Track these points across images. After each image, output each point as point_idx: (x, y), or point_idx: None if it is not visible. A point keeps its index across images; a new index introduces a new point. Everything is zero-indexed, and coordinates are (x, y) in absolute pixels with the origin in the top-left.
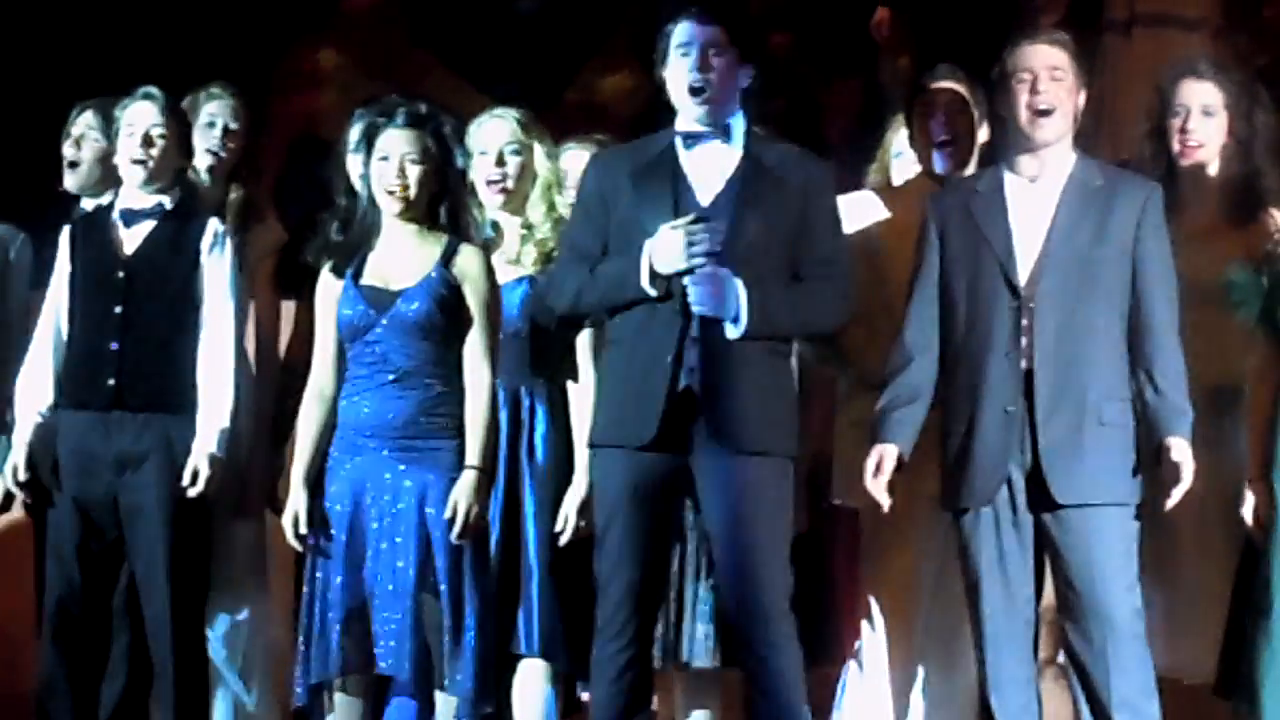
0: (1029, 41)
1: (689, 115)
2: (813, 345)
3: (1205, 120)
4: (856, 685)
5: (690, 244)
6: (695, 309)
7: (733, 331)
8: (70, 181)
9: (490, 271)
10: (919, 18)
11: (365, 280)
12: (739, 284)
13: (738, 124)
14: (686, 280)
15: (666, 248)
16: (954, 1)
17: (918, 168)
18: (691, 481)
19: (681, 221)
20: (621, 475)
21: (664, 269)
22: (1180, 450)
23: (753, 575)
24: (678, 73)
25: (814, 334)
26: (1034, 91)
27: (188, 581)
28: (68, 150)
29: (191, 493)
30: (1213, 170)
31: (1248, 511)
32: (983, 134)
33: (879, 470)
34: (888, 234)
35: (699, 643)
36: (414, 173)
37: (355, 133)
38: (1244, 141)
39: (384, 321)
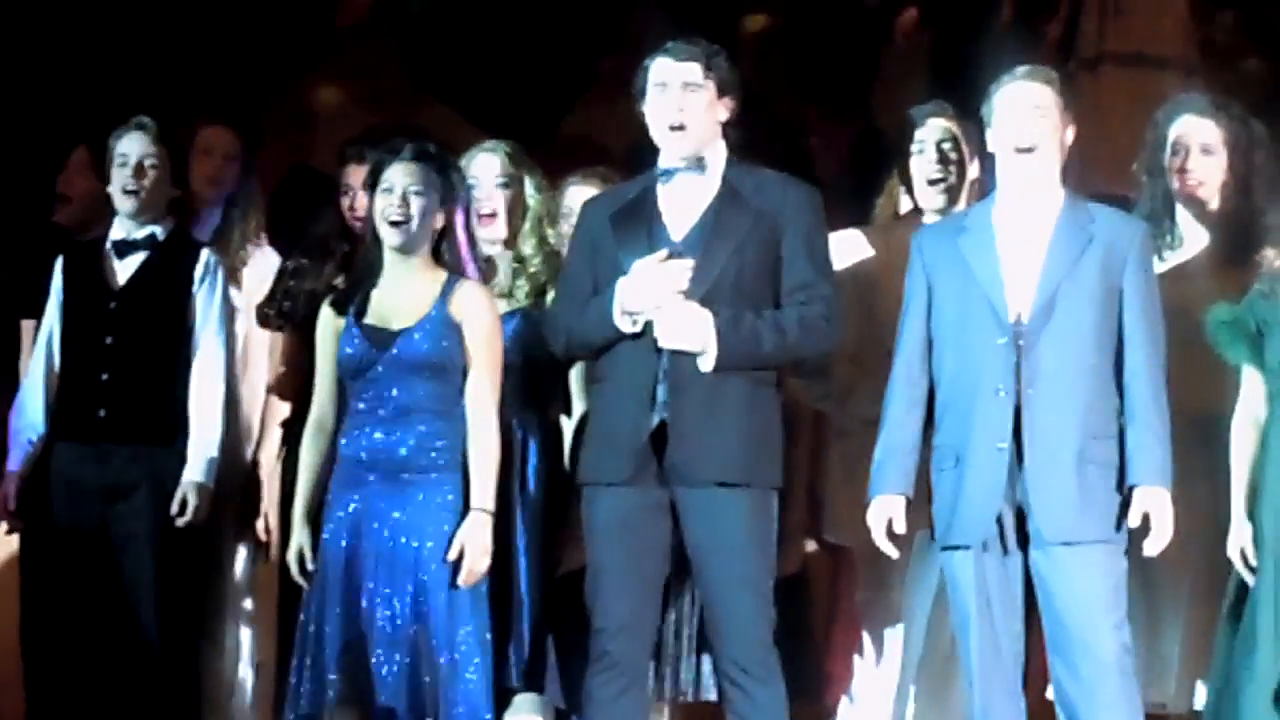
0: (1013, 79)
1: (668, 150)
2: (805, 382)
3: (1205, 159)
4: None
5: (658, 280)
6: (662, 344)
7: (704, 364)
8: (62, 215)
9: (491, 308)
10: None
11: (367, 319)
12: (708, 316)
13: (715, 155)
14: (653, 316)
15: (635, 285)
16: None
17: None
18: (675, 514)
19: (651, 259)
20: (607, 511)
21: (633, 307)
22: (1148, 498)
23: (732, 606)
24: (655, 109)
25: (798, 361)
26: (1017, 128)
27: (177, 609)
28: (61, 185)
29: (180, 522)
30: (1212, 207)
31: (1233, 547)
32: (973, 170)
33: (890, 525)
34: (878, 271)
35: (704, 676)
36: (416, 204)
37: (358, 174)
38: (1243, 180)
39: (384, 360)
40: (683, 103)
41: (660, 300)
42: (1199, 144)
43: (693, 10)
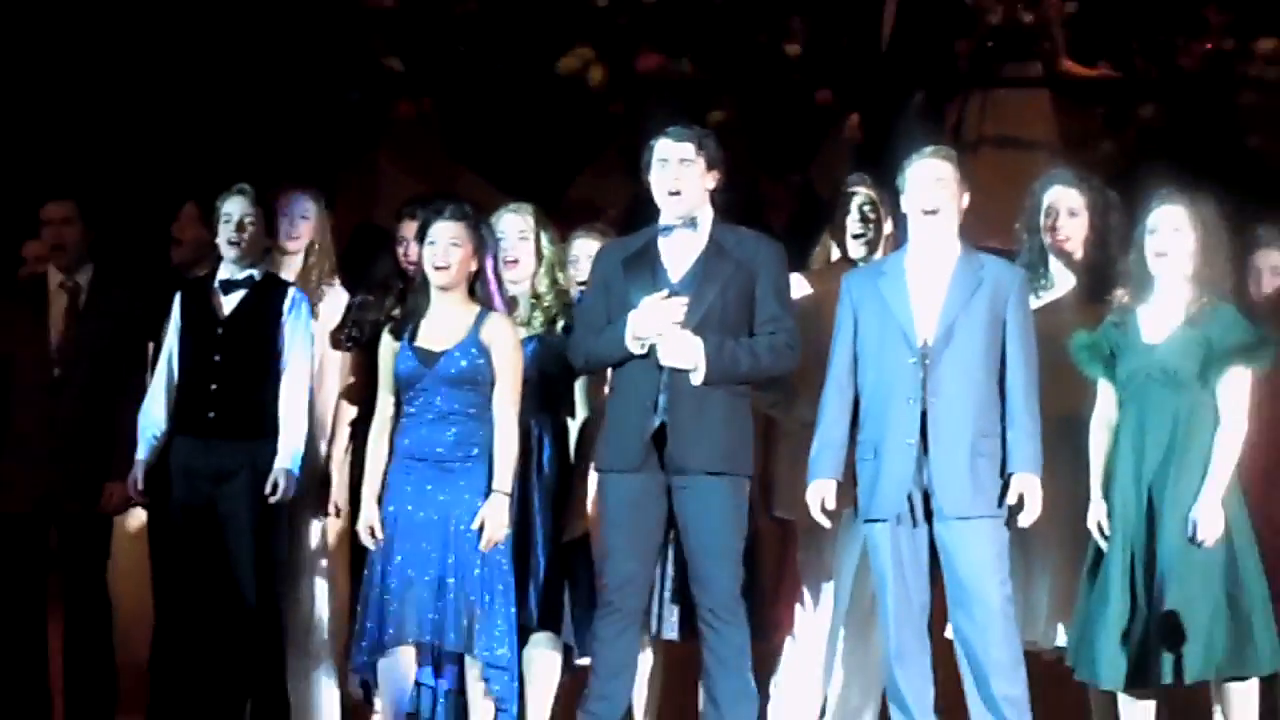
0: (921, 157)
1: (667, 211)
2: (758, 392)
3: (1071, 220)
4: (793, 657)
5: (660, 313)
6: (663, 363)
7: (696, 379)
8: (176, 256)
9: (514, 334)
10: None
11: (417, 342)
12: (699, 342)
13: (704, 216)
14: (656, 341)
15: (642, 317)
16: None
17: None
18: (670, 495)
19: (654, 296)
20: (618, 492)
21: (641, 334)
22: (1022, 482)
23: (713, 569)
24: (658, 179)
25: (768, 377)
26: (923, 195)
27: (267, 567)
28: (175, 232)
29: (272, 500)
30: (1077, 257)
31: (1091, 520)
32: (888, 228)
33: (824, 503)
34: (814, 305)
35: (678, 620)
36: (455, 254)
37: (411, 228)
38: (1101, 236)
39: (430, 375)
40: (679, 174)
41: (662, 329)
42: (1067, 208)
43: (672, 106)
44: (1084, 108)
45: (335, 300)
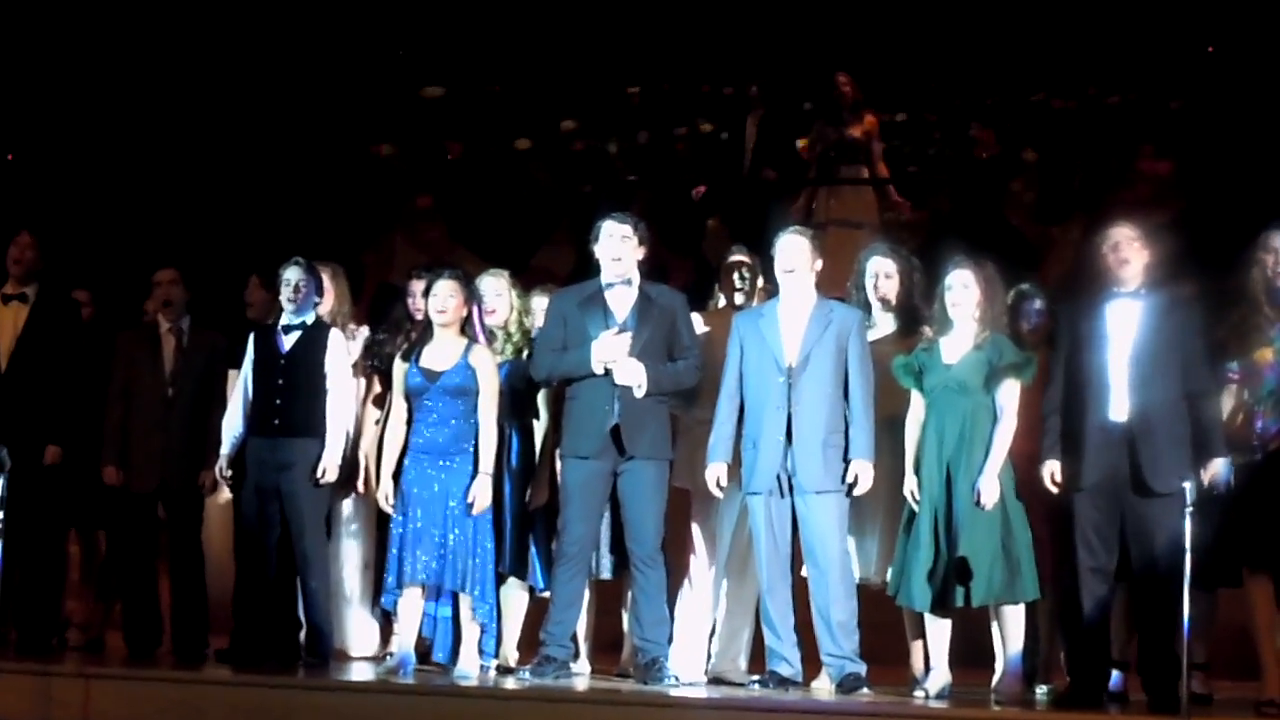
0: (786, 232)
1: (609, 271)
2: (669, 397)
3: (888, 280)
4: (689, 593)
5: (615, 346)
6: (618, 381)
7: (638, 393)
8: (250, 313)
9: (493, 361)
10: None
11: (422, 364)
12: (641, 366)
13: (635, 276)
14: (612, 365)
15: (602, 347)
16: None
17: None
18: (615, 476)
19: (608, 333)
20: (577, 474)
21: (603, 359)
22: (858, 466)
23: (641, 526)
24: (604, 249)
25: (682, 389)
26: (785, 259)
27: (318, 531)
28: (247, 296)
29: (321, 482)
30: (893, 305)
31: (906, 490)
32: (760, 283)
33: (718, 480)
34: (709, 339)
35: (611, 565)
36: (451, 304)
37: (419, 286)
38: (909, 291)
39: (433, 389)
40: (620, 247)
41: (616, 356)
42: (884, 272)
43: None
44: (895, 199)
45: (360, 338)
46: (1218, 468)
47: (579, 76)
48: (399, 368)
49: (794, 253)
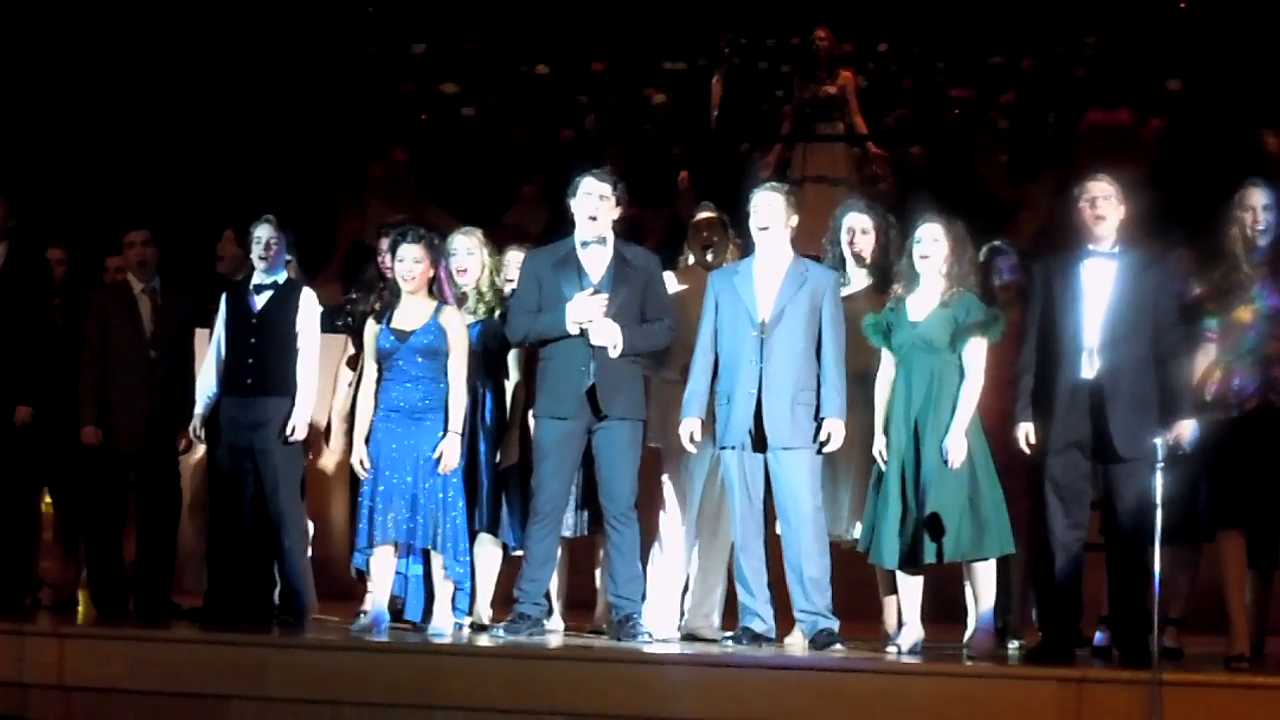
0: (760, 189)
1: (584, 230)
2: (641, 357)
3: (864, 236)
4: (661, 550)
5: (590, 306)
6: (593, 341)
7: (613, 353)
8: (219, 266)
9: (461, 321)
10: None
11: (393, 325)
12: (616, 327)
13: (610, 236)
14: (588, 326)
15: (577, 308)
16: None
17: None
18: (589, 435)
19: (583, 293)
20: (552, 433)
21: (578, 319)
22: (830, 424)
23: (616, 485)
24: (581, 206)
25: (656, 350)
26: (758, 216)
27: (293, 489)
28: (220, 250)
29: (290, 440)
30: (867, 262)
31: (876, 448)
32: (732, 238)
33: (692, 435)
34: (680, 297)
35: (585, 522)
36: (416, 269)
37: (386, 244)
38: (883, 248)
39: (403, 349)
40: (598, 206)
41: (592, 316)
42: (860, 228)
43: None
44: (870, 155)
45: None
46: (1184, 429)
47: (550, 30)
48: (370, 329)
49: (769, 210)
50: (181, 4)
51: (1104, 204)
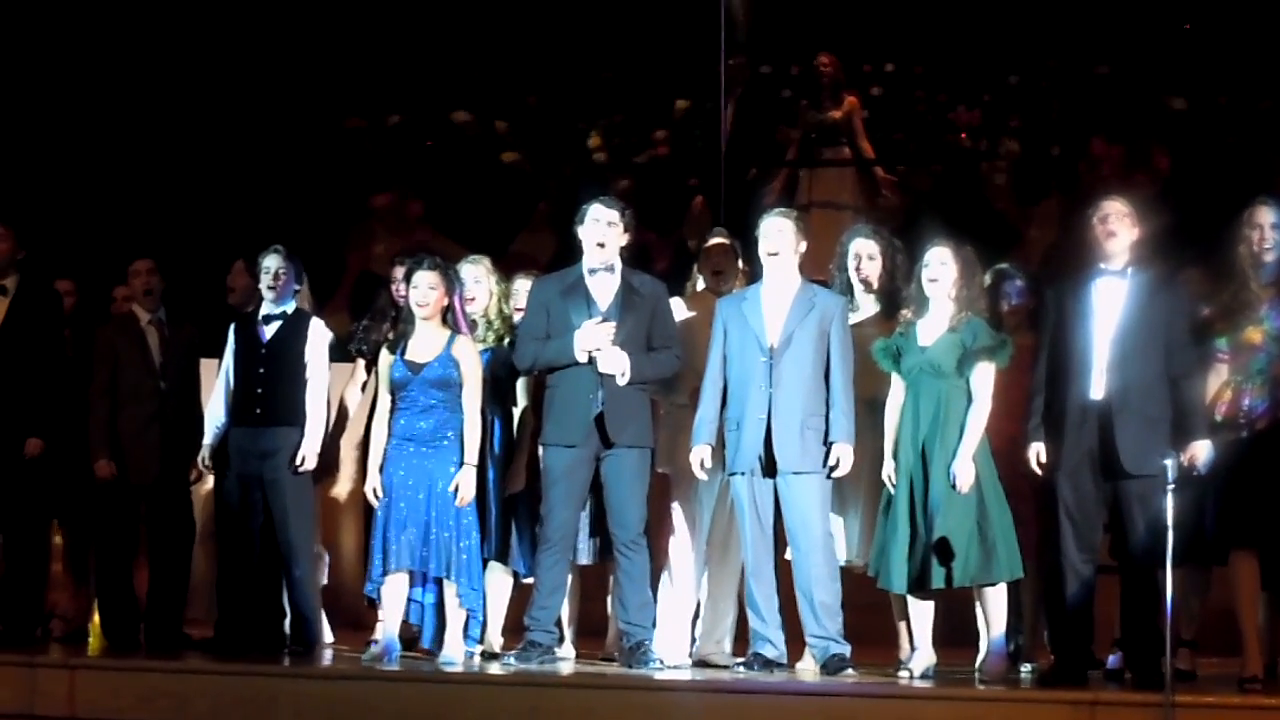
0: (769, 215)
1: (593, 257)
2: (652, 385)
3: (870, 262)
4: (671, 577)
5: (598, 334)
6: (601, 369)
7: (621, 381)
8: (231, 298)
9: (474, 350)
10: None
11: (406, 356)
12: (624, 354)
13: (618, 263)
14: (595, 354)
15: (585, 336)
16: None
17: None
18: (598, 463)
19: (591, 321)
20: (560, 462)
21: (586, 348)
22: (839, 449)
23: (625, 512)
24: (589, 233)
25: (662, 379)
26: (767, 242)
27: (303, 518)
28: (230, 281)
29: (300, 470)
30: (875, 288)
31: (884, 473)
32: (740, 266)
33: (702, 461)
34: (687, 323)
35: (595, 550)
36: (431, 296)
37: (401, 272)
38: (890, 274)
39: (416, 380)
40: (606, 233)
41: (600, 344)
42: (867, 253)
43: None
44: (877, 181)
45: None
46: (1198, 450)
47: (555, 56)
48: (385, 359)
49: (778, 235)
50: (191, 36)
51: (1116, 221)
